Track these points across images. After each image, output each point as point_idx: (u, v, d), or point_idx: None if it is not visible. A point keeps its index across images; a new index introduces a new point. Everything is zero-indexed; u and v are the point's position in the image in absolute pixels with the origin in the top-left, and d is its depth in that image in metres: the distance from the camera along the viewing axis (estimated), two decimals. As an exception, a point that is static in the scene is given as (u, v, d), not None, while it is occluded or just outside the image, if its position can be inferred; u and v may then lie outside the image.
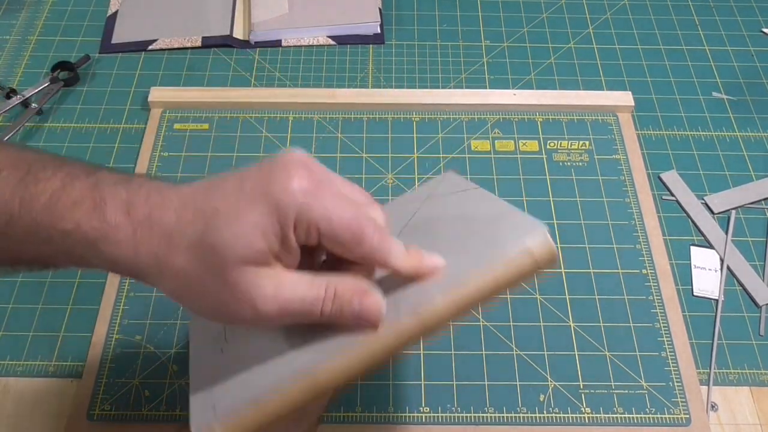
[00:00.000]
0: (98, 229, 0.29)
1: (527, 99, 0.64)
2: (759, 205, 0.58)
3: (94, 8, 0.73)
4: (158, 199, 0.30)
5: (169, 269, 0.29)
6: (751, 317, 0.52)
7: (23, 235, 0.30)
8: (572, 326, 0.51)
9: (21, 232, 0.30)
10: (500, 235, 0.32)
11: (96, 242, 0.29)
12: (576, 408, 0.48)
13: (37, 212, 0.29)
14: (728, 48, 0.70)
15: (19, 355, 0.50)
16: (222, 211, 0.29)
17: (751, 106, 0.65)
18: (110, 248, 0.30)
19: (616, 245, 0.55)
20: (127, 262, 0.30)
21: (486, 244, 0.32)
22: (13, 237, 0.30)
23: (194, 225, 0.29)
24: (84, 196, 0.30)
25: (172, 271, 0.29)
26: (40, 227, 0.30)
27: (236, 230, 0.28)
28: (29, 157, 0.31)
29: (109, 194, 0.30)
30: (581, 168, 0.60)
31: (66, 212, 0.29)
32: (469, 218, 0.35)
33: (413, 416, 0.47)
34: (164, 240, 0.29)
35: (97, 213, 0.29)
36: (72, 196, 0.30)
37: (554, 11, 0.74)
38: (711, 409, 0.48)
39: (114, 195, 0.30)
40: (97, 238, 0.29)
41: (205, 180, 0.31)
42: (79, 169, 0.31)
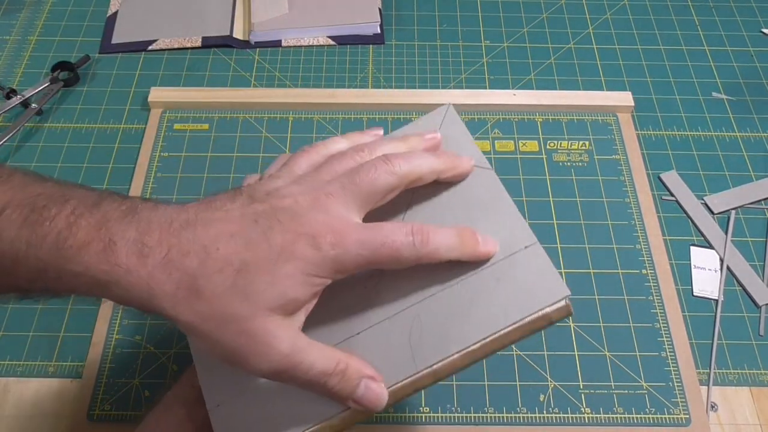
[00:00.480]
0: (109, 273, 0.29)
1: (527, 99, 0.64)
2: (759, 205, 0.58)
3: (94, 8, 0.73)
4: (174, 241, 0.30)
5: (187, 314, 0.30)
6: (750, 317, 0.52)
7: (31, 274, 0.30)
8: (572, 326, 0.51)
9: (29, 272, 0.30)
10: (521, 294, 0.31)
11: (108, 284, 0.29)
12: (576, 408, 0.48)
13: (45, 253, 0.29)
14: (728, 48, 0.70)
15: (19, 355, 0.50)
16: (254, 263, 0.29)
17: (751, 106, 0.66)
18: (123, 291, 0.29)
19: (616, 245, 0.55)
20: (142, 303, 0.30)
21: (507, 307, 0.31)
22: (21, 276, 0.30)
23: (222, 273, 0.29)
24: (91, 237, 0.29)
25: (190, 315, 0.30)
26: (48, 267, 0.29)
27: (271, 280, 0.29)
28: (32, 191, 0.30)
29: (117, 233, 0.29)
30: (581, 168, 0.60)
31: (74, 255, 0.29)
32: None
33: (413, 416, 0.47)
34: (185, 285, 0.29)
35: (107, 255, 0.29)
36: (78, 238, 0.29)
37: (554, 11, 0.74)
38: (711, 409, 0.48)
39: (123, 234, 0.29)
40: (108, 282, 0.29)
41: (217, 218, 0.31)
42: (83, 203, 0.30)
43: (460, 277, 0.32)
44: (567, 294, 0.30)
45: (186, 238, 0.30)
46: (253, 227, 0.30)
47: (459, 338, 0.31)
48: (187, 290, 0.29)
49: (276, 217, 0.30)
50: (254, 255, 0.29)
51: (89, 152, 0.61)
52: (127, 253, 0.29)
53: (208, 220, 0.30)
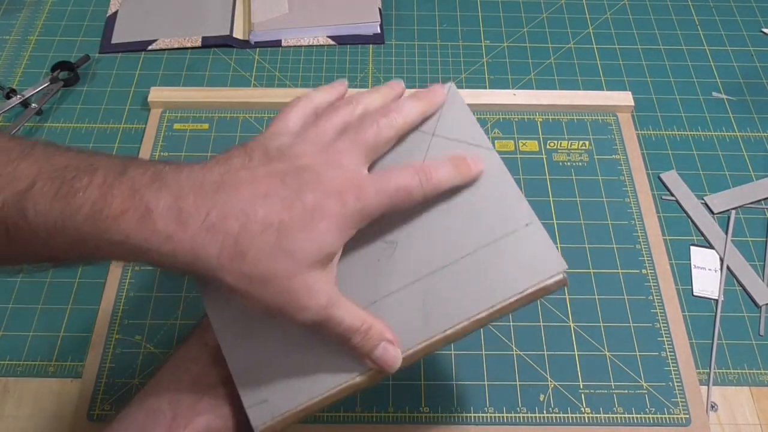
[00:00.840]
0: (150, 240, 0.30)
1: (527, 99, 0.64)
2: (759, 205, 0.58)
3: (94, 8, 0.73)
4: (210, 204, 0.30)
5: (234, 275, 0.31)
6: (751, 317, 0.52)
7: (68, 245, 0.30)
8: (572, 326, 0.51)
9: (65, 243, 0.30)
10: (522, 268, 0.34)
11: (148, 251, 0.30)
12: (576, 408, 0.48)
13: (81, 224, 0.29)
14: (728, 48, 0.70)
15: (19, 355, 0.50)
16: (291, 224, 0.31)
17: (751, 106, 0.65)
18: (165, 257, 0.30)
19: (616, 245, 0.55)
20: (185, 267, 0.31)
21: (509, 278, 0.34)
22: (56, 247, 0.30)
23: (264, 235, 0.30)
24: (126, 206, 0.30)
25: (237, 276, 0.31)
26: (86, 238, 0.30)
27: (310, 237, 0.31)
28: (59, 162, 0.31)
29: (152, 201, 0.30)
30: (581, 168, 0.60)
31: (112, 224, 0.29)
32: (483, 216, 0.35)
33: (413, 416, 0.47)
34: (228, 247, 0.30)
35: (146, 223, 0.29)
36: (114, 207, 0.29)
37: (554, 11, 0.74)
38: (711, 409, 0.48)
39: (158, 201, 0.30)
40: (149, 249, 0.30)
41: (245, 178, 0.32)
42: (111, 171, 0.31)
43: (468, 252, 0.35)
44: (565, 268, 0.34)
45: (222, 201, 0.31)
46: (283, 187, 0.31)
47: (468, 307, 0.34)
48: (231, 253, 0.30)
49: (301, 176, 0.32)
50: (291, 215, 0.31)
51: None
52: (166, 220, 0.30)
53: (237, 182, 0.31)
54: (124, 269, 0.53)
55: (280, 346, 0.36)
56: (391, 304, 0.35)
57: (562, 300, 0.52)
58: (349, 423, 0.47)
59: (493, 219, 0.35)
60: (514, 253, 0.34)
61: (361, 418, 0.47)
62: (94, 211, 0.29)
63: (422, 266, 0.35)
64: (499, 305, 0.34)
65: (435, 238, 0.35)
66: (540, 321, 0.51)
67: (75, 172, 0.30)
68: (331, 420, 0.47)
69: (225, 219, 0.30)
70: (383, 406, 0.48)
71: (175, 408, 0.35)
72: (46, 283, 0.53)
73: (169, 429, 0.35)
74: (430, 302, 0.35)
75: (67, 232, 0.29)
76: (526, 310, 0.52)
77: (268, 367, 0.35)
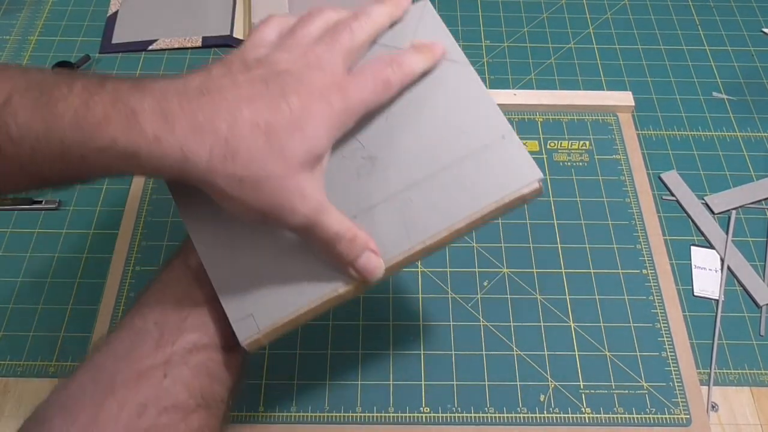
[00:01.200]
0: (137, 143, 0.29)
1: (527, 99, 0.64)
2: (759, 205, 0.58)
3: (94, 8, 0.73)
4: (196, 106, 0.30)
5: (224, 177, 0.30)
6: (751, 317, 0.52)
7: (53, 157, 0.29)
8: (572, 326, 0.51)
9: (50, 155, 0.29)
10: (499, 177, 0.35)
11: (137, 155, 0.29)
12: (576, 408, 0.48)
13: (65, 133, 0.29)
14: (728, 48, 0.70)
15: (19, 355, 0.50)
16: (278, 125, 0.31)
17: (751, 106, 0.65)
18: (154, 160, 0.29)
19: (616, 245, 0.55)
20: (173, 171, 0.30)
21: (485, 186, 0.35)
22: (41, 160, 0.30)
23: (253, 135, 0.30)
24: (110, 110, 0.29)
25: (227, 178, 0.30)
26: (71, 148, 0.29)
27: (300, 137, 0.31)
28: (34, 77, 0.30)
29: (136, 105, 0.29)
30: (581, 168, 0.60)
31: (96, 130, 0.29)
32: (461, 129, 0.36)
33: (413, 416, 0.47)
34: (218, 148, 0.30)
35: (132, 126, 0.29)
36: (97, 113, 0.29)
37: (554, 11, 0.74)
38: (711, 409, 0.48)
39: (141, 105, 0.29)
40: (137, 152, 0.29)
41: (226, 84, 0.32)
42: (90, 83, 0.30)
43: (446, 164, 0.36)
44: (540, 177, 0.35)
45: (207, 103, 0.30)
46: (267, 91, 0.31)
47: (447, 217, 0.35)
48: (221, 154, 0.30)
49: (283, 80, 0.32)
50: (277, 117, 0.31)
51: (89, 152, 0.61)
52: (152, 121, 0.29)
53: (220, 87, 0.31)
54: (124, 270, 0.53)
55: (263, 260, 0.36)
56: (372, 217, 0.36)
57: (562, 300, 0.52)
58: (349, 423, 0.47)
59: (470, 132, 0.36)
60: (490, 164, 0.35)
61: (361, 418, 0.47)
62: (77, 118, 0.29)
63: (401, 180, 0.36)
64: (477, 214, 0.35)
65: (413, 153, 0.36)
66: (540, 321, 0.51)
67: (53, 84, 0.30)
68: (331, 420, 0.47)
69: (212, 120, 0.30)
70: (383, 406, 0.48)
71: (162, 327, 0.35)
72: (46, 283, 0.53)
73: (156, 347, 0.34)
74: (410, 214, 0.35)
75: (51, 144, 0.29)
76: (527, 310, 0.52)
77: (251, 282, 0.36)
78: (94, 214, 0.57)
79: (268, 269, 0.36)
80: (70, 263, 0.54)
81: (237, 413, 0.47)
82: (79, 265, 0.54)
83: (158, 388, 0.33)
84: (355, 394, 0.48)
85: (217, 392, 0.35)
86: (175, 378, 0.33)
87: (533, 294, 0.53)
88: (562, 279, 0.53)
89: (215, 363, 0.35)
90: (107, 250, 0.55)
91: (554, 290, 0.53)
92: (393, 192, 0.36)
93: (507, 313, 0.52)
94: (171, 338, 0.34)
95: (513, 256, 0.55)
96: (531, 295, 0.53)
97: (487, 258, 0.55)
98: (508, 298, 0.52)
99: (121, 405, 0.32)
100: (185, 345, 0.35)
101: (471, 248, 0.55)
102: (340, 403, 0.48)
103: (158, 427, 0.32)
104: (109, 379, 0.33)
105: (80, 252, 0.55)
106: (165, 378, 0.33)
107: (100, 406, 0.32)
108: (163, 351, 0.34)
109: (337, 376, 0.49)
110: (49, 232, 0.56)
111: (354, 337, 0.51)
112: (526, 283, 0.53)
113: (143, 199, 0.57)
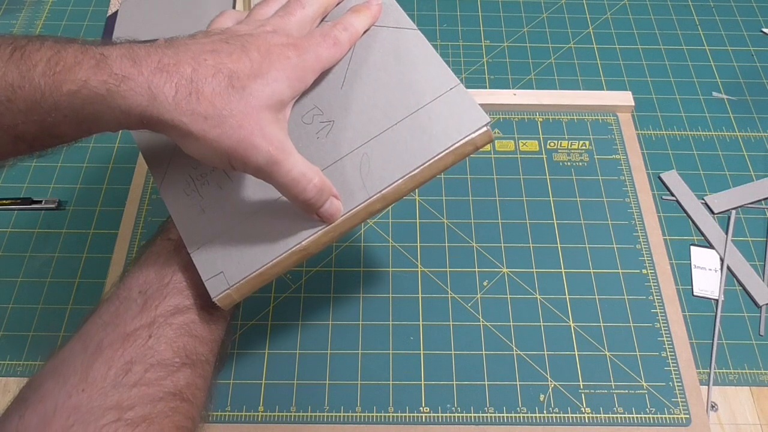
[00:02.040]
0: (107, 82, 0.31)
1: (527, 99, 0.64)
2: (759, 205, 0.58)
3: (94, 8, 0.73)
4: (161, 53, 0.32)
5: (190, 115, 0.32)
6: (751, 317, 0.52)
7: (27, 106, 0.31)
8: (572, 326, 0.51)
9: (24, 104, 0.31)
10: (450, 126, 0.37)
11: (107, 96, 0.31)
12: (576, 408, 0.48)
13: (38, 79, 0.30)
14: (728, 48, 0.70)
15: (19, 355, 0.50)
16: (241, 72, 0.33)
17: (751, 106, 0.65)
18: (123, 99, 0.31)
19: (616, 245, 0.55)
20: (143, 111, 0.32)
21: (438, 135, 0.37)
22: (15, 111, 0.31)
23: (216, 77, 0.33)
24: (80, 57, 0.31)
25: (192, 116, 0.32)
26: (44, 94, 0.30)
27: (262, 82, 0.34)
28: (6, 38, 0.32)
29: (105, 51, 0.31)
30: (581, 168, 0.60)
31: (68, 74, 0.30)
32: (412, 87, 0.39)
33: (413, 416, 0.47)
34: (183, 87, 0.32)
35: (102, 68, 0.31)
36: (68, 60, 0.31)
37: (554, 11, 0.74)
38: (711, 409, 0.48)
39: (111, 51, 0.31)
40: (108, 91, 0.31)
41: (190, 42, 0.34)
42: (61, 39, 0.32)
43: (400, 119, 0.38)
44: (488, 121, 0.37)
45: (172, 51, 0.33)
46: (227, 46, 0.34)
47: (401, 166, 0.37)
48: (187, 92, 0.32)
49: (243, 39, 0.35)
50: (239, 65, 0.34)
51: (89, 152, 0.61)
52: (121, 64, 0.31)
53: (184, 44, 0.34)
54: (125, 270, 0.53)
55: (231, 221, 0.39)
56: (331, 173, 0.38)
57: (562, 300, 0.52)
58: (349, 423, 0.47)
59: (420, 88, 0.38)
60: (441, 114, 0.38)
61: (361, 418, 0.47)
62: (50, 65, 0.30)
63: (357, 139, 0.38)
64: (429, 161, 0.37)
65: (368, 114, 0.39)
66: (540, 321, 0.51)
67: (25, 41, 0.31)
68: (331, 420, 0.47)
69: (177, 64, 0.32)
70: (383, 406, 0.48)
71: (145, 294, 0.37)
72: (46, 283, 0.53)
73: (141, 311, 0.36)
74: (366, 168, 0.38)
75: (24, 92, 0.30)
76: (527, 310, 0.52)
77: (221, 242, 0.38)
78: (94, 214, 0.57)
79: (235, 229, 0.38)
80: (70, 263, 0.54)
81: (237, 413, 0.47)
82: (79, 265, 0.54)
83: (144, 348, 0.35)
84: (355, 394, 0.48)
85: (200, 352, 0.37)
86: (159, 338, 0.36)
87: (533, 294, 0.53)
88: (562, 279, 0.53)
89: (197, 324, 0.38)
90: (107, 250, 0.55)
91: (554, 290, 0.53)
92: (350, 150, 0.38)
93: (507, 313, 0.52)
94: (154, 303, 0.37)
95: (513, 256, 0.55)
96: (531, 295, 0.53)
97: (487, 258, 0.55)
98: (507, 298, 0.52)
99: (108, 365, 0.34)
100: (168, 308, 0.37)
101: (471, 248, 0.55)
102: (340, 403, 0.48)
103: (144, 381, 0.34)
104: (97, 344, 0.35)
105: (80, 252, 0.55)
106: (149, 338, 0.35)
107: (89, 368, 0.34)
108: (147, 314, 0.36)
109: (337, 376, 0.49)
110: (49, 232, 0.56)
111: (354, 337, 0.51)
112: (526, 283, 0.53)
113: (143, 199, 0.57)
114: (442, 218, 0.57)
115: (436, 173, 0.37)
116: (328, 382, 0.49)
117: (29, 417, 0.32)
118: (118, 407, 0.33)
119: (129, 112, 0.31)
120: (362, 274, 0.53)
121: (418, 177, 0.37)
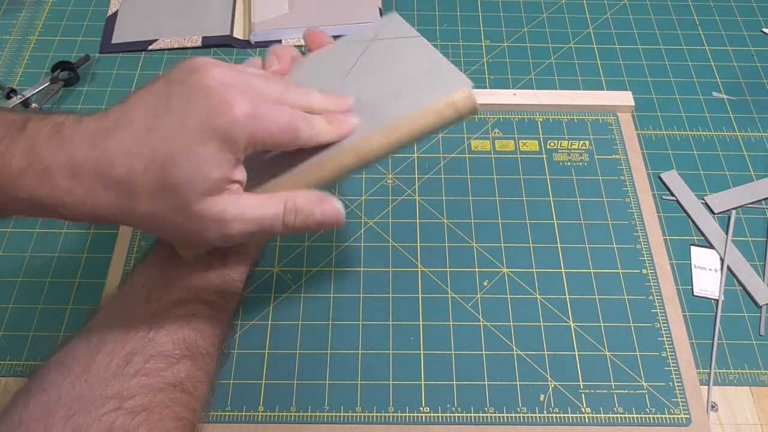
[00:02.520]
0: (53, 195, 0.31)
1: (527, 99, 0.64)
2: (759, 205, 0.58)
3: (94, 8, 0.73)
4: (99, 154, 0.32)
5: (134, 216, 0.33)
6: (751, 317, 0.52)
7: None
8: (572, 326, 0.51)
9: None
10: (431, 87, 0.38)
11: (54, 207, 0.32)
12: (576, 408, 0.48)
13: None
14: (728, 48, 0.70)
15: (19, 355, 0.50)
16: (174, 155, 0.32)
17: (751, 106, 0.65)
18: (69, 210, 0.32)
19: (616, 245, 0.55)
20: (90, 217, 0.33)
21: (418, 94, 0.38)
22: None
23: (149, 173, 0.32)
24: (26, 163, 0.31)
25: (137, 217, 0.33)
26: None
27: (193, 167, 0.32)
28: None
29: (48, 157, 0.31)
30: (581, 168, 0.60)
31: (15, 181, 0.31)
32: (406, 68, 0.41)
33: (413, 416, 0.47)
34: (122, 193, 0.32)
35: (46, 180, 0.31)
36: (14, 166, 0.31)
37: (554, 11, 0.74)
38: (711, 409, 0.48)
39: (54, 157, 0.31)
40: (54, 204, 0.32)
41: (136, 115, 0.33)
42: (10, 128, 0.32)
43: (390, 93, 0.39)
44: (470, 84, 0.38)
45: (110, 148, 0.32)
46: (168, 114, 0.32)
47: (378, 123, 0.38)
48: (124, 198, 0.32)
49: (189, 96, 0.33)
50: (174, 144, 0.32)
51: (89, 152, 0.61)
52: (63, 176, 0.31)
53: (127, 122, 0.32)
54: (124, 270, 0.53)
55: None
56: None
57: (562, 300, 0.52)
58: (349, 423, 0.47)
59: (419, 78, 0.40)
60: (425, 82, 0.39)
61: (360, 418, 0.47)
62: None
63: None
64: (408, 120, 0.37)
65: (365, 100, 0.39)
66: (540, 321, 0.51)
67: None
68: (331, 420, 0.47)
69: (112, 167, 0.32)
70: (383, 406, 0.48)
71: (149, 289, 0.38)
72: (46, 283, 0.53)
73: (143, 304, 0.37)
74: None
75: None
76: (526, 310, 0.52)
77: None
78: (94, 214, 0.57)
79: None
80: (70, 263, 0.54)
81: (237, 413, 0.47)
82: (79, 265, 0.54)
83: (144, 339, 0.36)
84: (355, 394, 0.48)
85: (201, 345, 0.38)
86: (159, 330, 0.37)
87: (533, 294, 0.53)
88: (562, 279, 0.53)
89: (198, 318, 0.38)
90: (107, 250, 0.55)
91: (554, 290, 0.53)
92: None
93: (507, 313, 0.52)
94: (157, 296, 0.38)
95: (513, 256, 0.55)
96: (531, 295, 0.53)
97: (487, 258, 0.55)
98: (508, 298, 0.52)
99: (110, 356, 0.35)
100: (169, 301, 0.38)
101: (471, 248, 0.55)
102: (340, 403, 0.48)
103: (144, 372, 0.35)
104: (100, 336, 0.36)
105: (80, 252, 0.55)
106: (150, 330, 0.36)
107: (92, 359, 0.35)
108: (149, 307, 0.37)
109: (337, 376, 0.49)
110: (49, 232, 0.56)
111: (354, 336, 0.51)
112: (526, 283, 0.53)
113: (143, 199, 0.57)
114: (442, 218, 0.57)
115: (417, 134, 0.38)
116: (328, 382, 0.49)
117: (33, 406, 0.33)
118: (119, 396, 0.33)
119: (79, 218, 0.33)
120: (362, 274, 0.53)
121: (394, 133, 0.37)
